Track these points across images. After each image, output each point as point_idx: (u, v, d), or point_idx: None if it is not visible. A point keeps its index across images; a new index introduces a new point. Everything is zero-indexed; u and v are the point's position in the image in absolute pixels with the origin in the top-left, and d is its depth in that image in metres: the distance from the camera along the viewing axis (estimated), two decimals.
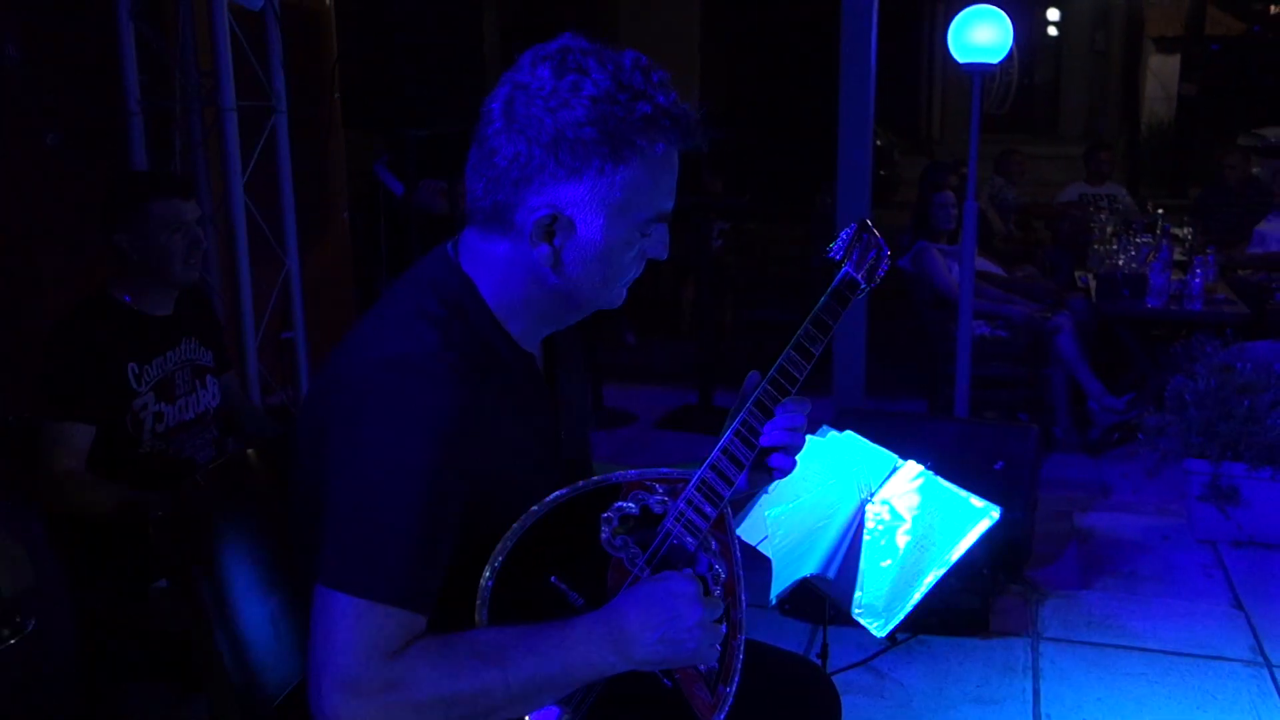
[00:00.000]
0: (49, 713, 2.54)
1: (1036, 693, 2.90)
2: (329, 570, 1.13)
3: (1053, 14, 18.74)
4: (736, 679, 1.25)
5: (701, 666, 1.25)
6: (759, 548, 2.21)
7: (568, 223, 1.22)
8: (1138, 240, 5.75)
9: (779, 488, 2.27)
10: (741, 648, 1.27)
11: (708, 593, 1.25)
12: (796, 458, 1.41)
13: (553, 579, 1.23)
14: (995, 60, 3.75)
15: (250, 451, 1.56)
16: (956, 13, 3.82)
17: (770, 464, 1.40)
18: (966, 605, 3.20)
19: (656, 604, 1.19)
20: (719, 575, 1.28)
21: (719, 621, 1.23)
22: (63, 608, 2.50)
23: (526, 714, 1.19)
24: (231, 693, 1.36)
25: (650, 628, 1.18)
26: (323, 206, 4.08)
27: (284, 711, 1.46)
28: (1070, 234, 7.03)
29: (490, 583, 1.18)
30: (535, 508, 1.22)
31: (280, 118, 3.37)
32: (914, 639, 3.17)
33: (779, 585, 2.12)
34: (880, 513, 2.20)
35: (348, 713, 1.09)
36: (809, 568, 2.13)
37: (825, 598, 2.27)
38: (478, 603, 1.18)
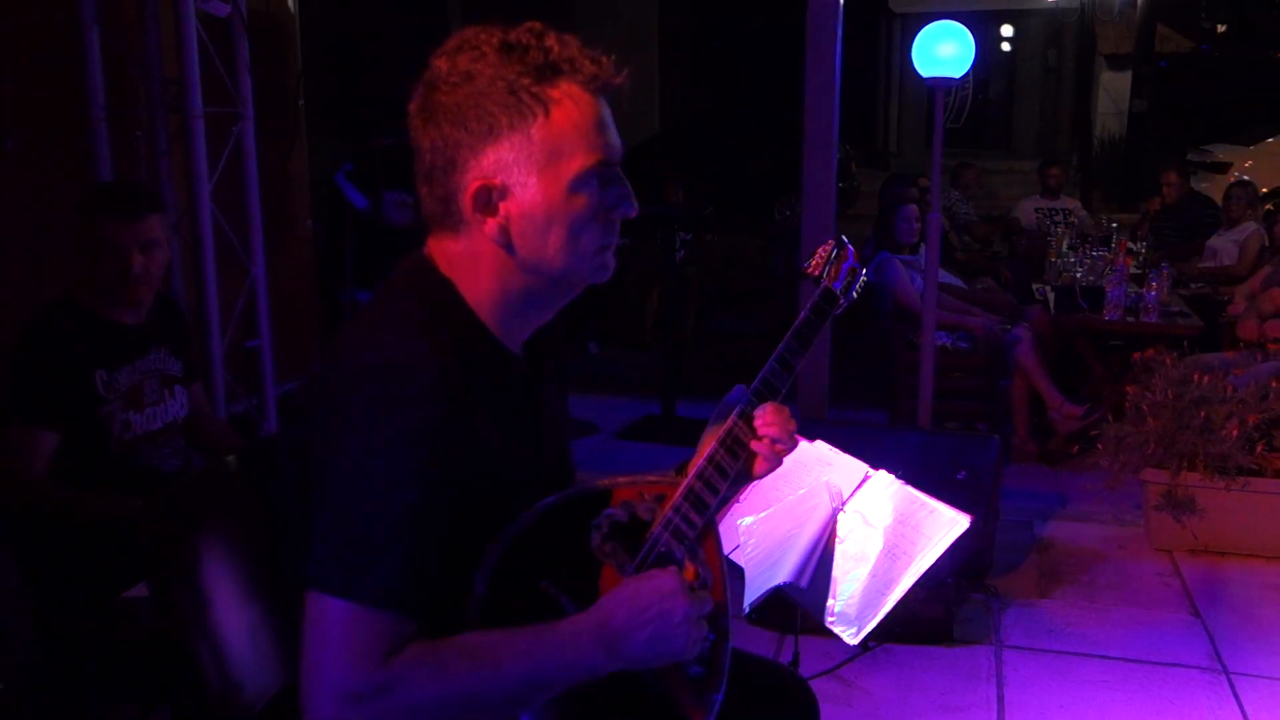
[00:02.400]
0: None
1: (1001, 699, 2.94)
2: (319, 576, 1.13)
3: (1006, 30, 19.07)
4: (724, 685, 1.26)
5: (689, 670, 1.26)
6: (731, 557, 2.22)
7: (502, 189, 1.22)
8: (1093, 254, 5.87)
9: (751, 496, 2.29)
10: (728, 655, 1.29)
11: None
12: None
13: (544, 583, 1.23)
14: (958, 75, 3.82)
15: (230, 459, 1.55)
16: (913, 28, 3.88)
17: (754, 471, 1.43)
18: (931, 614, 3.23)
19: (643, 601, 1.19)
20: (705, 582, 1.29)
21: (705, 620, 1.24)
22: (23, 617, 2.45)
23: (520, 714, 1.19)
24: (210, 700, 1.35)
25: (639, 625, 1.18)
26: (286, 215, 4.05)
27: (264, 719, 1.45)
28: (1027, 248, 7.16)
29: (482, 588, 1.18)
30: (526, 513, 1.22)
31: (246, 124, 3.34)
32: (879, 647, 3.19)
33: (752, 594, 2.13)
34: (852, 521, 2.22)
35: (343, 717, 1.08)
36: (781, 576, 2.14)
37: (796, 607, 2.29)
38: (470, 607, 1.18)
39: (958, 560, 3.34)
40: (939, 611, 3.24)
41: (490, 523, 1.21)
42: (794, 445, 1.43)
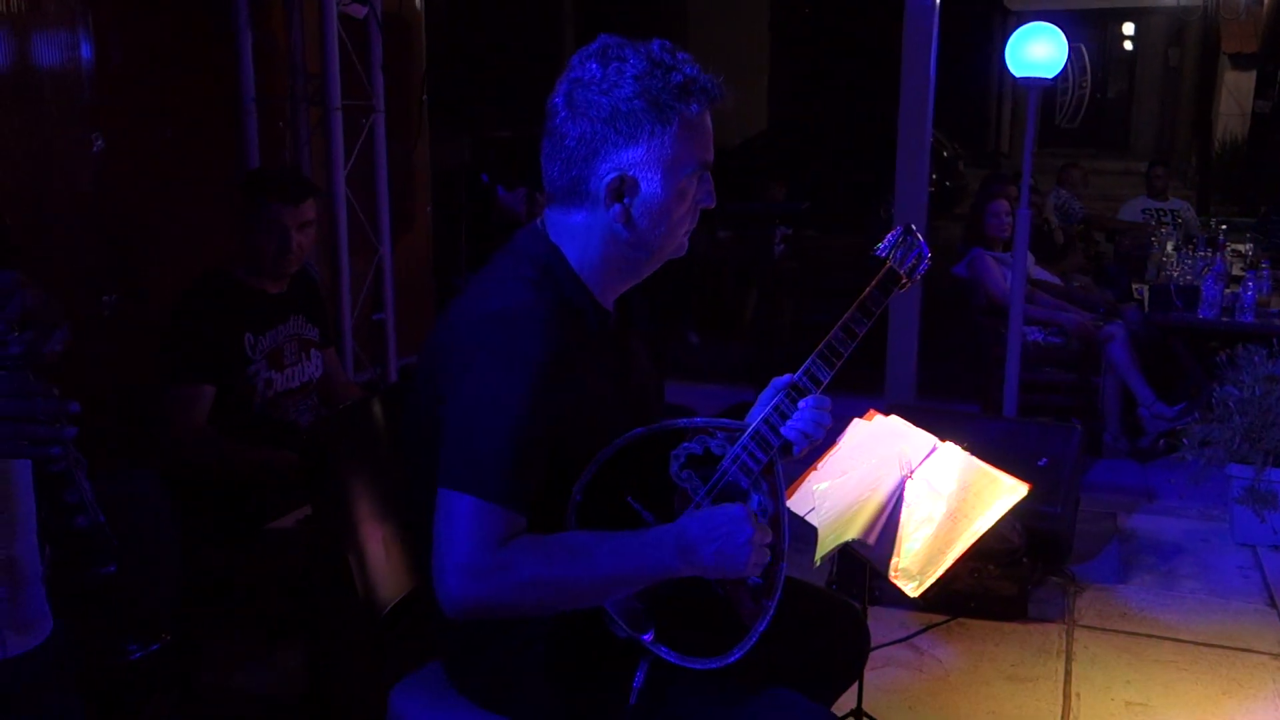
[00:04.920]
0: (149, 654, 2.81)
1: (1068, 673, 3.06)
2: (450, 476, 1.39)
3: (1128, 28, 18.61)
4: (778, 594, 1.48)
5: (749, 581, 1.48)
6: (807, 518, 2.42)
7: (633, 182, 1.47)
8: (1198, 255, 5.84)
9: (826, 464, 2.49)
10: (783, 571, 1.50)
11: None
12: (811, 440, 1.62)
13: (629, 499, 1.49)
14: (1050, 75, 3.91)
15: (373, 399, 1.82)
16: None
17: (789, 438, 1.61)
18: (1005, 592, 3.36)
19: (715, 523, 1.42)
20: (767, 510, 1.51)
21: (765, 545, 1.46)
22: (173, 551, 2.77)
23: (604, 603, 1.45)
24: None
25: (709, 541, 1.41)
26: (408, 201, 4.37)
27: (390, 619, 1.72)
28: (1130, 247, 7.11)
29: (579, 497, 1.45)
30: (618, 440, 1.47)
31: (378, 117, 3.66)
32: (953, 621, 3.34)
33: (823, 550, 2.33)
34: (919, 488, 2.39)
35: (466, 589, 1.35)
36: (851, 534, 2.33)
37: (867, 573, 2.48)
38: (568, 512, 1.45)
39: (1034, 542, 3.46)
40: (1013, 590, 3.37)
41: (586, 445, 1.47)
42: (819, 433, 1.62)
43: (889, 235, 1.81)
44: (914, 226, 1.84)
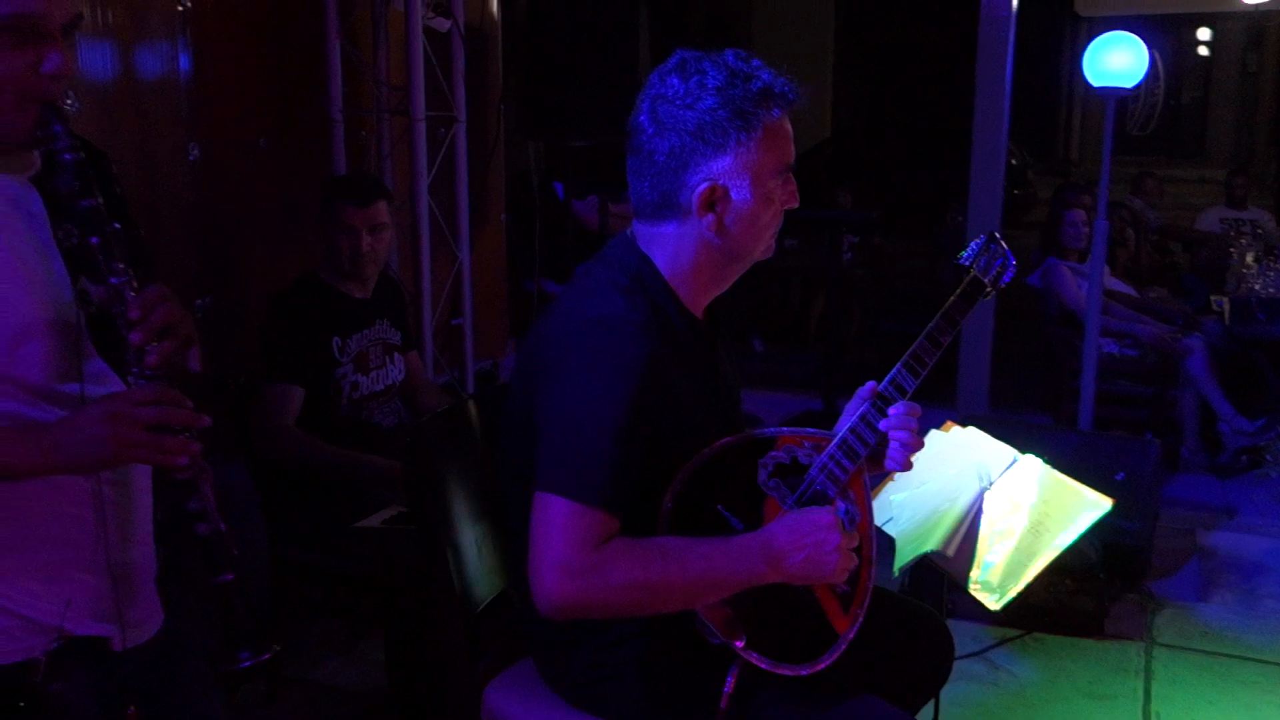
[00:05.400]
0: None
1: (1147, 692, 3.01)
2: (547, 480, 1.43)
3: (1203, 33, 18.20)
4: (867, 602, 1.50)
5: (838, 589, 1.50)
6: (884, 528, 2.43)
7: (724, 190, 1.51)
8: (1277, 266, 5.70)
9: (903, 476, 2.49)
10: (872, 579, 1.52)
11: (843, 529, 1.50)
12: (911, 457, 1.62)
13: (719, 507, 1.51)
14: (1130, 85, 3.86)
15: (469, 403, 1.87)
16: (1100, 32, 3.94)
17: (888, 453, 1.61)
18: (1081, 607, 3.32)
19: (803, 529, 1.45)
20: (854, 518, 1.53)
21: (853, 551, 1.48)
22: (261, 547, 2.85)
23: (694, 607, 1.47)
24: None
25: (797, 549, 1.44)
26: (483, 209, 4.45)
27: (482, 618, 1.77)
28: (1208, 258, 6.97)
29: (670, 504, 1.48)
30: (706, 450, 1.49)
31: (459, 127, 3.75)
32: (1028, 635, 3.30)
33: (901, 560, 2.33)
34: (998, 500, 2.38)
35: (563, 588, 1.39)
36: (929, 545, 2.33)
37: (945, 579, 2.48)
38: (660, 518, 1.48)
39: (1110, 558, 3.42)
40: (1089, 605, 3.33)
41: (678, 451, 1.50)
42: (919, 443, 1.61)
43: (972, 244, 1.80)
44: (997, 234, 1.84)
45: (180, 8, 3.10)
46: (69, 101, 2.72)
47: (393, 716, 2.66)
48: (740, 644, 1.47)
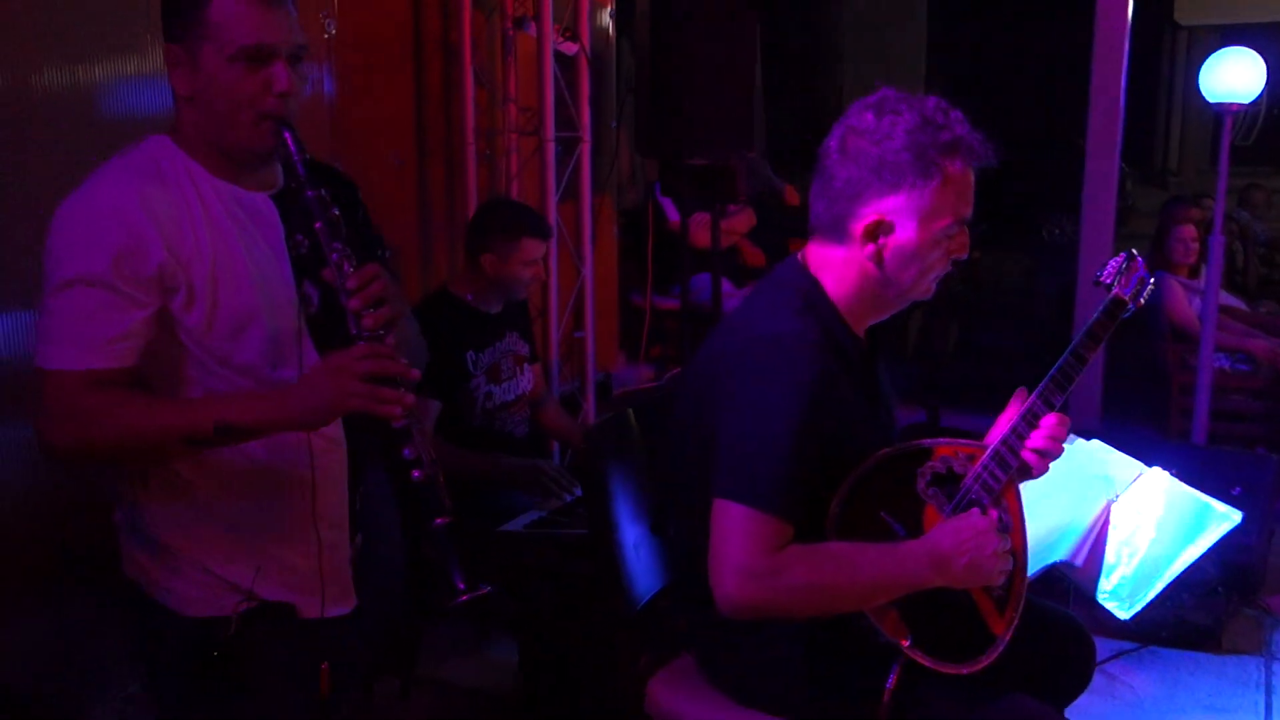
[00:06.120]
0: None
1: (1268, 705, 3.01)
2: (727, 488, 1.54)
3: None
4: (1021, 605, 1.59)
5: (994, 592, 1.59)
6: None
7: (889, 226, 1.61)
8: None
9: (1030, 486, 2.55)
10: (1025, 583, 1.61)
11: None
12: (1049, 464, 1.71)
13: (882, 513, 1.61)
14: (1247, 101, 3.85)
15: (629, 411, 2.00)
16: (1199, 41, 3.93)
17: (1027, 460, 1.70)
18: (1199, 621, 3.32)
19: (964, 535, 1.55)
20: (1008, 525, 1.62)
21: (1008, 553, 1.56)
22: (397, 549, 2.99)
23: (862, 609, 1.58)
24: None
25: (960, 554, 1.54)
26: (598, 224, 4.59)
27: (638, 619, 1.89)
28: None
29: (838, 510, 1.59)
30: (869, 461, 1.59)
31: (585, 147, 3.92)
32: (1145, 649, 3.31)
33: (1030, 569, 2.39)
34: (1125, 511, 2.43)
35: (744, 590, 1.50)
36: (1058, 555, 2.39)
37: (1070, 587, 2.53)
38: (828, 524, 1.59)
39: (1228, 572, 3.41)
40: (1206, 619, 3.33)
41: (844, 461, 1.61)
42: (1059, 451, 1.69)
43: (1111, 262, 1.86)
44: (1134, 251, 1.89)
45: (325, 35, 3.30)
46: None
47: (524, 716, 2.78)
48: (906, 643, 1.57)
